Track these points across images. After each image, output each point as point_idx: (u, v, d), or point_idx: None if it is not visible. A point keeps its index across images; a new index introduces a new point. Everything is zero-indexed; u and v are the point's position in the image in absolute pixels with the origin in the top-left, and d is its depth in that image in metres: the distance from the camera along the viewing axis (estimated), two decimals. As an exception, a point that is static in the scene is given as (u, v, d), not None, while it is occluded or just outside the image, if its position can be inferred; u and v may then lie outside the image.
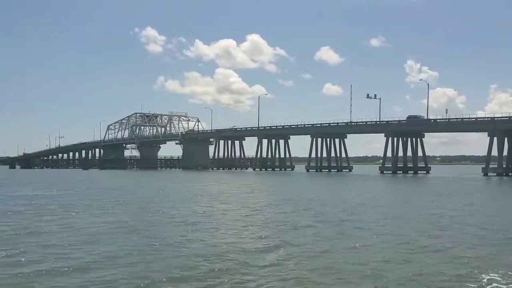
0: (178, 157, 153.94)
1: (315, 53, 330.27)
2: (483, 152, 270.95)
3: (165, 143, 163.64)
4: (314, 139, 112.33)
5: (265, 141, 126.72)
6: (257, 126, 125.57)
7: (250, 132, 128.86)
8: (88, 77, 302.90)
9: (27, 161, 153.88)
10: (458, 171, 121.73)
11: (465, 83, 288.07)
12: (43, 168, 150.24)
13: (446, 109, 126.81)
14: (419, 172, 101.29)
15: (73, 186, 47.74)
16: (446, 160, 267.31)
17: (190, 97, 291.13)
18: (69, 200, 30.23)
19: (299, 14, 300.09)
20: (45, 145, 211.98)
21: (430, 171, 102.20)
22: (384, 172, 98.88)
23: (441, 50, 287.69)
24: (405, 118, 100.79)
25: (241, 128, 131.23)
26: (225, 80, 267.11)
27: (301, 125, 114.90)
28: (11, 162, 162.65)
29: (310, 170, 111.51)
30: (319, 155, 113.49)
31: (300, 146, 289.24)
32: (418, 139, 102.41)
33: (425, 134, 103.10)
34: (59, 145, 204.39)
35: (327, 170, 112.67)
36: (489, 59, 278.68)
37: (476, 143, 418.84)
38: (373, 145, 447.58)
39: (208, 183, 57.34)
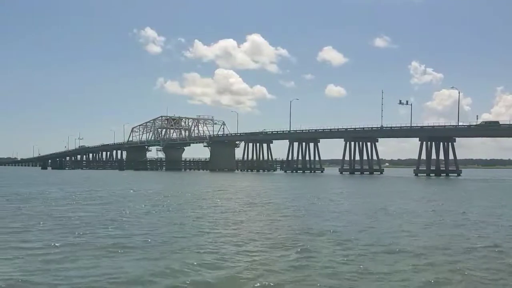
0: (206, 159, 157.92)
1: (318, 53, 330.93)
2: (489, 156, 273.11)
3: (189, 145, 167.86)
4: (348, 142, 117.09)
5: (295, 144, 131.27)
6: (288, 129, 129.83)
7: (281, 135, 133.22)
8: (87, 78, 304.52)
9: (60, 162, 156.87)
10: (486, 174, 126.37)
11: (471, 85, 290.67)
12: (74, 169, 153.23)
13: (477, 116, 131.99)
14: (450, 175, 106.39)
15: (180, 185, 52.06)
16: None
17: (189, 98, 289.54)
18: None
19: (301, 13, 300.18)
20: (64, 147, 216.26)
21: (461, 174, 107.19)
22: (419, 174, 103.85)
23: (447, 52, 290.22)
24: (436, 124, 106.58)
25: (272, 132, 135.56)
26: (225, 81, 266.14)
27: (335, 129, 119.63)
28: (43, 163, 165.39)
29: (343, 173, 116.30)
30: (350, 158, 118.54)
31: (323, 149, 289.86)
32: (450, 143, 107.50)
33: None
34: (79, 147, 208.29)
35: (359, 173, 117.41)
36: (495, 60, 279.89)
37: (480, 147, 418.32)
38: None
39: (286, 183, 61.82)
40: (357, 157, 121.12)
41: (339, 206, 27.95)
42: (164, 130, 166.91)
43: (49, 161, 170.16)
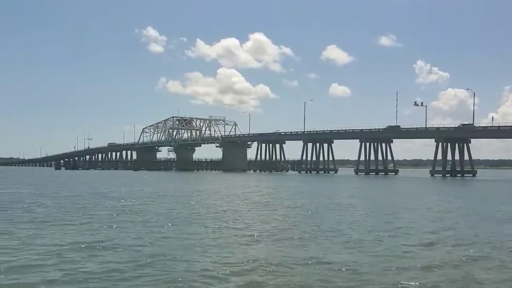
0: (218, 159, 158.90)
1: (322, 52, 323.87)
2: (495, 157, 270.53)
3: (200, 145, 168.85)
4: (363, 143, 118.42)
5: (309, 145, 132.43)
6: (302, 130, 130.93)
7: (295, 136, 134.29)
8: (89, 78, 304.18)
9: (74, 162, 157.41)
10: (499, 175, 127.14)
11: (478, 84, 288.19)
12: (88, 169, 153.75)
13: (492, 117, 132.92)
14: (465, 175, 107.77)
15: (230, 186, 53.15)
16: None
17: (191, 97, 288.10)
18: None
19: (305, 12, 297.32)
20: (73, 147, 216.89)
21: (476, 175, 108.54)
22: (435, 175, 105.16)
23: (453, 51, 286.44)
24: (452, 125, 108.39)
25: (286, 132, 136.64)
26: (228, 80, 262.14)
27: (350, 129, 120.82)
28: (56, 163, 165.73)
29: (359, 173, 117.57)
30: (365, 159, 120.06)
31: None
32: (465, 144, 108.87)
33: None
34: (88, 147, 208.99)
35: (374, 173, 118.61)
36: (503, 59, 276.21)
37: (486, 148, 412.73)
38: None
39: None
40: (370, 158, 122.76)
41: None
42: (176, 130, 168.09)
43: (62, 161, 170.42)
